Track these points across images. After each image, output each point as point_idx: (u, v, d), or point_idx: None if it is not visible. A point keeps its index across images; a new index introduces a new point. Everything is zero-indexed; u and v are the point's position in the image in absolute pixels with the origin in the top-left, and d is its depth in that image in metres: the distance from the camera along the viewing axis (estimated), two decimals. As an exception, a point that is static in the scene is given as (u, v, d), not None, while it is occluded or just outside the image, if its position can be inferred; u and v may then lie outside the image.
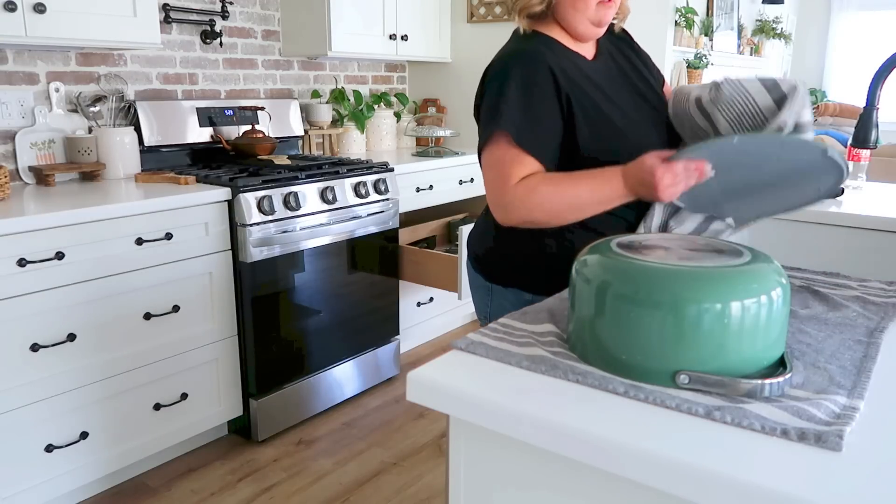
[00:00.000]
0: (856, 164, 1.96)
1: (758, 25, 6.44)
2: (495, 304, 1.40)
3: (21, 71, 2.26)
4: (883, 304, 1.07)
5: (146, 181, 2.34)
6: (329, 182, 2.48)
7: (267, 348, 2.37)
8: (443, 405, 0.79)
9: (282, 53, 3.05)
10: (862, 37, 7.29)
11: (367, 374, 2.80)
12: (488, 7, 3.37)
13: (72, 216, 1.85)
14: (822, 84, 7.62)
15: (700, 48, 4.79)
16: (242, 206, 2.20)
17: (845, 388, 0.77)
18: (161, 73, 2.63)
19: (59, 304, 1.86)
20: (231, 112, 2.79)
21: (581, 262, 0.87)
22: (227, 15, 2.80)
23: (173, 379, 2.17)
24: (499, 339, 0.91)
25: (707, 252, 0.85)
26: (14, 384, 1.81)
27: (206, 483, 2.18)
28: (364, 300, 2.72)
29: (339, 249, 2.57)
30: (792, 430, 0.67)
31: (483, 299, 1.44)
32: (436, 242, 3.32)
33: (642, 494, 0.68)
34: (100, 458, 2.02)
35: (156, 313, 2.08)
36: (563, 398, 0.76)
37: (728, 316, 0.75)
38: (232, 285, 2.28)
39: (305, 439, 2.46)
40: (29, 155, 2.28)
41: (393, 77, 3.67)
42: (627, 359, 0.79)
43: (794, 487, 0.59)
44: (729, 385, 0.75)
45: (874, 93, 1.55)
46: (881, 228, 1.63)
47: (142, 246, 2.02)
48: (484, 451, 0.80)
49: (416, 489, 2.17)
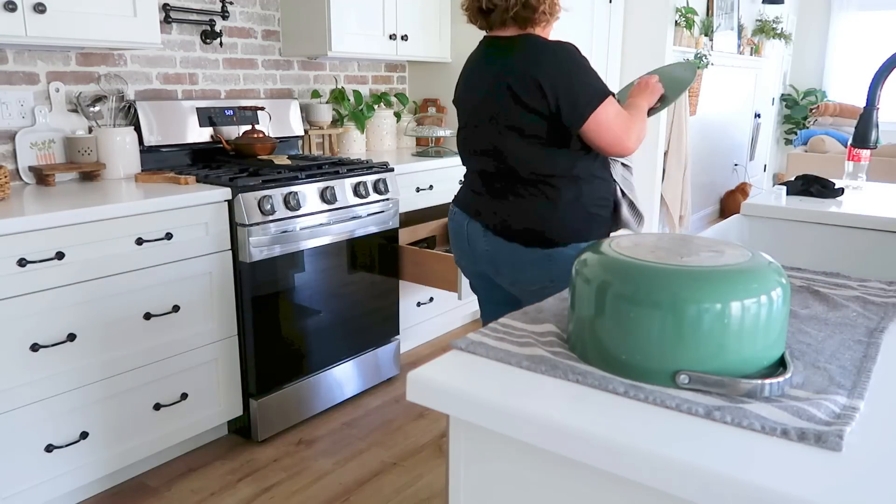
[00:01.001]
0: (856, 164, 1.96)
1: (758, 25, 6.43)
2: (560, 265, 1.65)
3: (21, 71, 2.26)
4: (883, 304, 1.07)
5: (146, 181, 2.34)
6: (329, 182, 2.48)
7: (267, 348, 2.37)
8: (443, 405, 0.79)
9: (282, 53, 3.05)
10: (862, 37, 7.29)
11: (367, 374, 2.80)
12: (488, 7, 3.36)
13: (72, 216, 1.85)
14: (822, 84, 7.61)
15: (700, 48, 4.79)
16: (242, 206, 2.20)
17: (845, 388, 0.77)
18: (161, 73, 2.63)
19: (59, 304, 1.86)
20: (231, 112, 2.79)
21: (581, 262, 0.87)
22: (227, 15, 2.80)
23: (173, 379, 2.17)
24: (499, 339, 0.91)
25: (707, 252, 0.85)
26: (14, 384, 1.81)
27: (206, 483, 2.19)
28: (364, 300, 2.72)
29: (339, 249, 2.57)
30: (792, 430, 0.67)
31: (544, 268, 1.67)
32: (436, 242, 3.32)
33: (642, 494, 0.68)
34: (100, 458, 2.02)
35: (156, 313, 2.09)
36: (563, 398, 0.76)
37: (728, 316, 0.75)
38: (232, 285, 2.28)
39: (305, 439, 2.46)
40: (29, 155, 2.28)
41: (393, 77, 3.67)
42: (627, 359, 0.79)
43: (793, 487, 0.59)
44: (729, 385, 0.75)
45: (874, 93, 1.55)
46: (881, 228, 1.63)
47: (142, 246, 2.02)
48: (484, 451, 0.80)
49: (416, 489, 2.17)
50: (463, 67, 1.80)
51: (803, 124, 7.37)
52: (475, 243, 1.75)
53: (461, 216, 1.79)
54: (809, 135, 6.57)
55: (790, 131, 7.68)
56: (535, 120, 1.59)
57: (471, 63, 1.77)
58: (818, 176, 1.97)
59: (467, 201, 1.78)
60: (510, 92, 1.59)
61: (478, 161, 1.74)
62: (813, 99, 7.48)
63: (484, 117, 1.68)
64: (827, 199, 1.86)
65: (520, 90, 1.58)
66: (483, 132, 1.69)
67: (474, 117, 1.72)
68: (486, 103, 1.67)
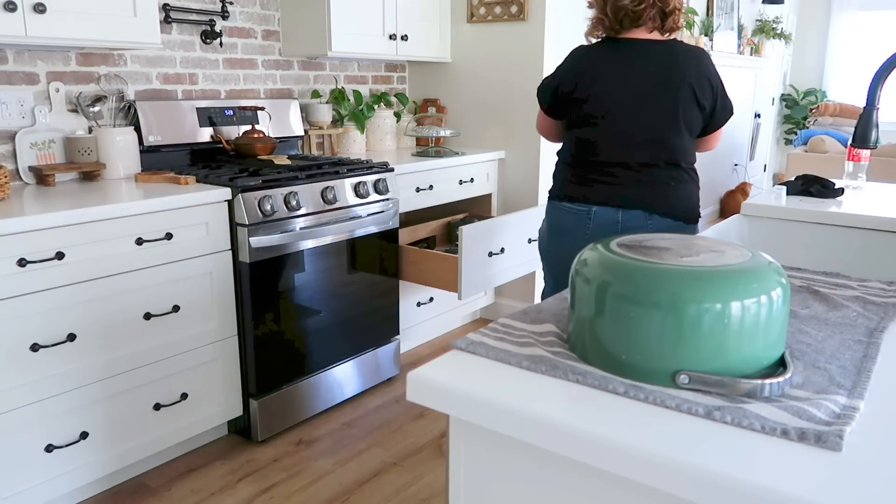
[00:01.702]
0: (856, 164, 1.96)
1: (758, 25, 6.44)
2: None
3: (21, 71, 2.26)
4: (883, 304, 1.07)
5: (146, 181, 2.34)
6: (329, 182, 2.48)
7: (267, 348, 2.37)
8: (443, 405, 0.79)
9: (282, 53, 3.05)
10: (862, 37, 7.29)
11: (367, 374, 2.80)
12: (488, 7, 3.37)
13: (72, 216, 1.85)
14: (822, 84, 7.61)
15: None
16: (242, 206, 2.20)
17: (845, 388, 0.77)
18: (161, 73, 2.64)
19: (59, 304, 1.86)
20: (231, 112, 2.79)
21: (581, 261, 0.87)
22: (227, 15, 2.80)
23: (173, 379, 2.17)
24: (499, 339, 0.91)
25: (707, 252, 0.85)
26: (14, 384, 1.81)
27: (206, 483, 2.19)
28: (364, 300, 2.72)
29: (339, 249, 2.57)
30: (792, 430, 0.67)
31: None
32: (436, 242, 3.32)
33: (642, 494, 0.68)
34: (100, 458, 2.02)
35: (156, 313, 2.09)
36: (563, 398, 0.76)
37: (728, 316, 0.75)
38: (232, 285, 2.28)
39: (305, 439, 2.46)
40: (29, 155, 2.28)
41: (393, 77, 3.67)
42: (627, 359, 0.79)
43: (793, 487, 0.59)
44: (729, 385, 0.75)
45: (874, 93, 1.55)
46: (881, 228, 1.63)
47: (142, 246, 2.02)
48: (484, 451, 0.80)
49: (416, 489, 2.17)
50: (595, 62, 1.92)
51: (803, 124, 7.37)
52: (634, 231, 1.87)
53: (610, 211, 1.89)
54: (809, 135, 6.58)
55: (790, 131, 7.68)
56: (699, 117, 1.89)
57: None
58: (818, 176, 1.97)
59: (613, 195, 1.89)
60: (691, 91, 1.84)
61: (636, 152, 1.86)
62: (813, 99, 7.48)
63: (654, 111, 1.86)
64: (827, 199, 1.86)
65: (698, 91, 1.84)
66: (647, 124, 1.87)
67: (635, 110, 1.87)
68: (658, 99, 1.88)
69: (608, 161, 1.87)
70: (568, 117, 1.97)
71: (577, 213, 1.92)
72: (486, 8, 3.38)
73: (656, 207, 1.86)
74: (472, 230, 2.71)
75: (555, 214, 1.99)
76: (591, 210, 1.90)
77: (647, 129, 1.84)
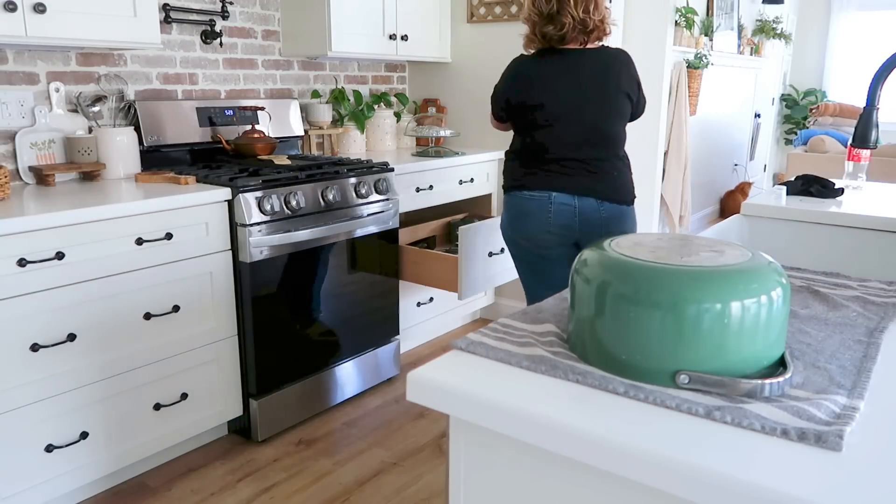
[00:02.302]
0: (856, 164, 1.96)
1: (758, 25, 6.43)
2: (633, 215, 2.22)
3: (21, 71, 2.26)
4: (883, 304, 1.07)
5: (146, 181, 2.34)
6: (329, 182, 2.48)
7: (267, 348, 2.37)
8: (443, 405, 0.79)
9: (282, 53, 3.05)
10: (862, 37, 7.29)
11: (367, 374, 2.80)
12: (488, 7, 3.37)
13: (72, 216, 1.85)
14: (822, 84, 7.61)
15: (700, 48, 4.79)
16: (242, 206, 2.20)
17: (845, 388, 0.77)
18: (161, 73, 2.64)
19: (59, 304, 1.86)
20: (231, 112, 2.79)
21: (581, 261, 0.87)
22: (227, 15, 2.80)
23: (173, 379, 2.17)
24: (499, 339, 0.91)
25: (707, 252, 0.85)
26: (14, 384, 1.81)
27: (206, 483, 2.19)
28: (364, 300, 2.72)
29: (339, 249, 2.57)
30: (792, 430, 0.67)
31: (632, 217, 2.20)
32: (436, 242, 3.32)
33: (642, 494, 0.69)
34: (100, 458, 2.02)
35: (156, 313, 2.09)
36: (563, 398, 0.76)
37: (728, 316, 0.75)
38: (232, 285, 2.28)
39: (305, 439, 2.46)
40: (29, 155, 2.28)
41: (393, 77, 3.67)
42: (627, 359, 0.79)
43: (793, 487, 0.59)
44: (729, 385, 0.75)
45: (874, 93, 1.55)
46: (881, 228, 1.63)
47: (142, 246, 2.02)
48: (484, 451, 0.80)
49: (416, 489, 2.17)
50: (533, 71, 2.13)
51: (803, 124, 7.37)
52: (588, 214, 2.10)
53: (567, 197, 2.09)
54: (809, 135, 6.58)
55: (790, 131, 7.68)
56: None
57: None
58: (818, 176, 1.97)
59: (569, 184, 2.10)
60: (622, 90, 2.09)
61: (584, 148, 2.09)
62: (813, 99, 7.48)
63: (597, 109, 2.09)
64: (827, 199, 1.86)
65: (628, 88, 2.10)
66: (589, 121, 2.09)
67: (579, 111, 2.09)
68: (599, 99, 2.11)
69: (560, 157, 2.10)
70: (520, 122, 2.17)
71: (539, 199, 2.12)
72: (486, 8, 3.38)
73: (606, 195, 2.11)
74: (472, 230, 2.71)
75: (515, 202, 2.17)
76: (550, 196, 2.10)
77: (593, 128, 2.08)
